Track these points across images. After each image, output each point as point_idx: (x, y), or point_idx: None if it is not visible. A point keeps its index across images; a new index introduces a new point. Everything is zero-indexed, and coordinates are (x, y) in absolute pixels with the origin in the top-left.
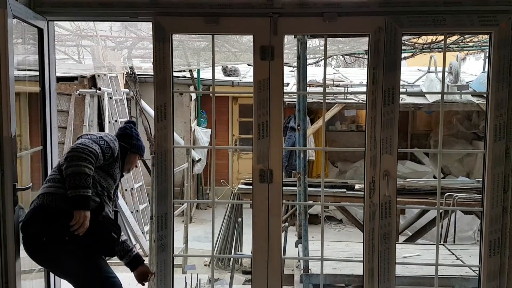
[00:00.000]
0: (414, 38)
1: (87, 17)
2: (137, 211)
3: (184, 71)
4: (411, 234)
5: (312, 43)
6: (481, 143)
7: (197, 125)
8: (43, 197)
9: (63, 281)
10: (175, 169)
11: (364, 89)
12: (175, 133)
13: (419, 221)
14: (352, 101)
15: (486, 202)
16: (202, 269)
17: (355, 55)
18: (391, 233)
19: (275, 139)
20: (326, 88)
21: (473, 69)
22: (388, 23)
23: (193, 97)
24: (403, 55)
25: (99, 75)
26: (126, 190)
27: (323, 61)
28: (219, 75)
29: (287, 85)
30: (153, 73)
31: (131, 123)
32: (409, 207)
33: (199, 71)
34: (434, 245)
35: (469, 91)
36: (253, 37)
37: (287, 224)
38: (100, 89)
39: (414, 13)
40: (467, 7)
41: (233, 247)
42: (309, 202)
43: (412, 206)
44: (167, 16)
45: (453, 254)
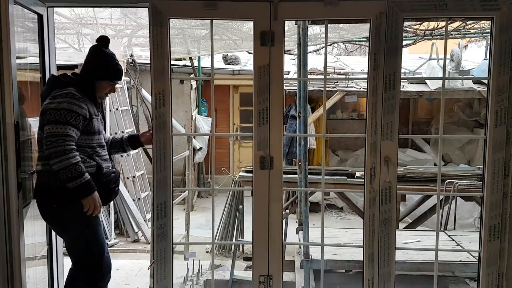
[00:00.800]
0: (415, 24)
1: (86, 3)
2: (139, 199)
3: (184, 59)
4: (411, 221)
5: (313, 31)
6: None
7: (198, 114)
8: (40, 174)
9: (65, 269)
10: (176, 157)
11: (365, 76)
12: (176, 121)
13: (420, 208)
14: (353, 89)
15: (486, 187)
16: (204, 255)
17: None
18: (391, 218)
19: (275, 126)
20: (327, 76)
21: (475, 57)
22: (389, 7)
23: (194, 85)
24: (404, 43)
25: None
26: (127, 178)
27: (324, 48)
28: (220, 64)
29: (288, 73)
30: (149, 59)
31: (102, 41)
32: (410, 193)
33: (199, 59)
34: (434, 231)
35: (470, 76)
36: (252, 22)
37: (287, 211)
38: None
39: None
40: None
41: (234, 234)
42: (310, 188)
43: (412, 192)
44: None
45: (453, 240)
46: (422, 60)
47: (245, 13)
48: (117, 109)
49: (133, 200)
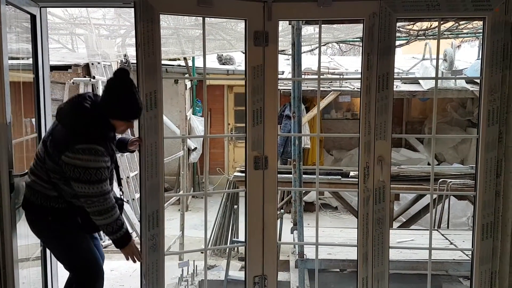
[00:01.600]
0: (409, 24)
1: (79, 3)
2: (133, 200)
3: (179, 59)
4: (405, 220)
5: (307, 31)
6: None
7: (193, 114)
8: (30, 191)
9: (59, 270)
10: (170, 158)
11: (359, 76)
12: (170, 122)
13: (413, 208)
14: (347, 88)
15: (479, 186)
16: (198, 256)
17: (351, 43)
18: (385, 217)
19: (269, 126)
20: (321, 75)
21: (468, 56)
22: (382, 8)
23: (188, 85)
24: (398, 43)
25: (93, 64)
26: (122, 178)
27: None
28: (214, 64)
29: (282, 73)
30: (139, 57)
31: (120, 73)
32: (403, 192)
33: (193, 59)
34: (427, 230)
35: (462, 76)
36: (247, 22)
37: (282, 211)
38: (94, 77)
39: None
40: None
41: (229, 234)
42: (304, 188)
43: (406, 191)
44: None
45: (447, 239)
46: (415, 60)
47: (239, 12)
48: None
49: (127, 201)
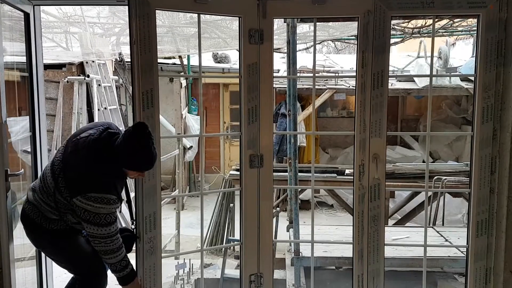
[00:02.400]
0: (403, 22)
1: (74, 1)
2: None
3: (174, 57)
4: (400, 217)
5: (302, 29)
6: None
7: (188, 113)
8: (31, 208)
9: (54, 270)
10: (166, 156)
11: (354, 74)
12: (165, 120)
13: (408, 205)
14: (342, 87)
15: (473, 183)
16: (194, 254)
17: (346, 41)
18: (380, 215)
19: (265, 124)
20: (316, 73)
21: (463, 54)
22: (377, 5)
23: (184, 84)
24: (393, 41)
25: (87, 62)
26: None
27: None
28: (210, 62)
29: (278, 71)
30: (134, 54)
31: (138, 127)
32: (398, 189)
33: (189, 58)
34: (423, 227)
35: (457, 73)
36: (241, 19)
37: (278, 209)
38: (88, 76)
39: None
40: None
41: (225, 232)
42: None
43: (401, 188)
44: None
45: (442, 236)
46: (410, 58)
47: (234, 10)
48: (105, 108)
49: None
